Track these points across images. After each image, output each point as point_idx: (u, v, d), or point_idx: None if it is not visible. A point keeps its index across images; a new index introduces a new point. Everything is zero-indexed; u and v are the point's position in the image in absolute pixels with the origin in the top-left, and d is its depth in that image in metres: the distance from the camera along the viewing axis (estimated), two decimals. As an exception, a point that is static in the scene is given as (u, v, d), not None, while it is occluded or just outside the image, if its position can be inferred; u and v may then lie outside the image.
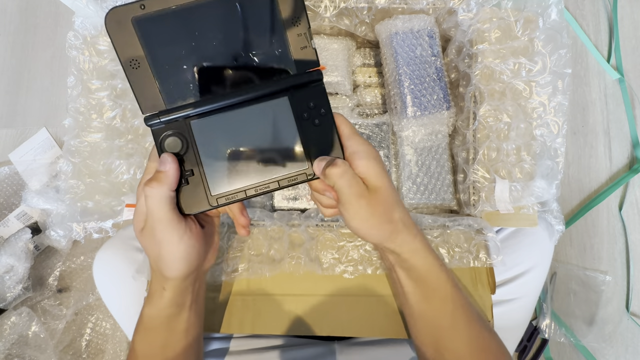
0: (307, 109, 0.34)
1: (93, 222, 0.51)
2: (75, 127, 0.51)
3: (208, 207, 0.33)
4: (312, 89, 0.34)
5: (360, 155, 0.33)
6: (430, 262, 0.37)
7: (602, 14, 0.94)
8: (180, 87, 0.32)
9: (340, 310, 0.48)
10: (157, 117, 0.32)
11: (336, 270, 0.47)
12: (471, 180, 0.51)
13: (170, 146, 0.33)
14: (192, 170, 0.33)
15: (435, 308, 0.38)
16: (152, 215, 0.31)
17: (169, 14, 0.30)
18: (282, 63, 0.33)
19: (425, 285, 0.37)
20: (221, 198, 0.33)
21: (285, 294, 0.48)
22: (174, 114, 0.32)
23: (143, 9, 0.30)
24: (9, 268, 0.75)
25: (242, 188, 0.33)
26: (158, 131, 0.33)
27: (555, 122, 0.51)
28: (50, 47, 0.95)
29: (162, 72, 0.32)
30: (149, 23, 0.30)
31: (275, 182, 0.33)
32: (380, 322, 0.47)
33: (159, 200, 0.31)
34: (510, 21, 0.51)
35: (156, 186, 0.30)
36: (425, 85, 0.55)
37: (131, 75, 0.31)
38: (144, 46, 0.31)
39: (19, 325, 0.74)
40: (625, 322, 0.82)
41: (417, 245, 0.36)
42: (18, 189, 0.86)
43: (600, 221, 0.86)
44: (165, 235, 0.31)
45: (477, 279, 0.48)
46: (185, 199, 0.33)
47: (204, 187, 0.33)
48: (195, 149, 0.33)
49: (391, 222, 0.34)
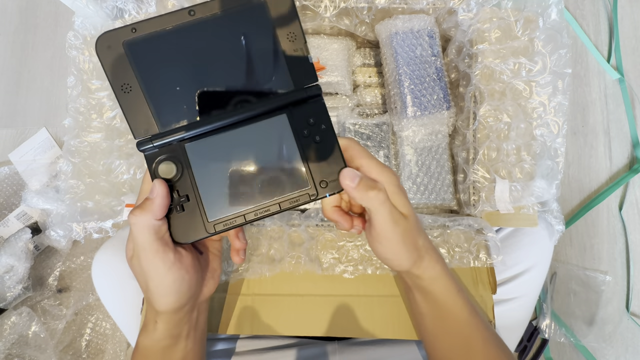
0: (307, 126, 0.32)
1: (93, 222, 0.51)
2: (75, 127, 0.51)
3: (205, 235, 0.31)
4: (311, 104, 0.32)
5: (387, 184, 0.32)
6: (448, 288, 0.37)
7: (602, 14, 0.94)
8: (173, 109, 0.31)
9: (340, 310, 0.48)
10: (150, 141, 0.31)
11: (336, 270, 0.47)
12: (471, 180, 0.51)
13: (164, 171, 0.31)
14: (187, 196, 0.31)
15: (451, 332, 0.38)
16: (137, 244, 0.30)
17: (161, 36, 0.30)
18: (279, 79, 0.32)
19: (442, 309, 0.37)
20: (219, 224, 0.31)
21: (285, 294, 0.47)
22: (167, 138, 0.31)
23: (134, 32, 0.30)
24: (9, 268, 0.75)
25: (240, 212, 0.31)
26: (151, 156, 0.31)
27: (556, 122, 0.51)
28: (50, 47, 0.95)
29: (154, 95, 0.31)
30: (141, 46, 0.30)
31: (276, 204, 0.31)
32: (380, 322, 0.47)
33: (142, 229, 0.29)
34: (510, 21, 0.51)
35: (139, 214, 0.29)
36: (425, 85, 0.55)
37: (123, 100, 0.31)
38: (135, 70, 0.30)
39: (19, 325, 0.74)
40: (625, 322, 0.82)
41: (437, 271, 0.36)
42: (18, 189, 0.86)
43: (601, 221, 0.86)
44: (151, 266, 0.30)
45: (477, 278, 0.48)
46: (180, 227, 0.31)
47: (200, 213, 0.31)
48: (190, 173, 0.31)
49: (417, 250, 0.34)
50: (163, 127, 0.31)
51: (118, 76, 0.30)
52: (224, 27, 0.31)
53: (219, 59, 0.31)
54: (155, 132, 0.31)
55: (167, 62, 0.31)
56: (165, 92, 0.31)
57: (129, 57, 0.30)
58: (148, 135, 0.31)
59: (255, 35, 0.31)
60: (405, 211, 0.33)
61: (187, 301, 0.33)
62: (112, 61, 0.30)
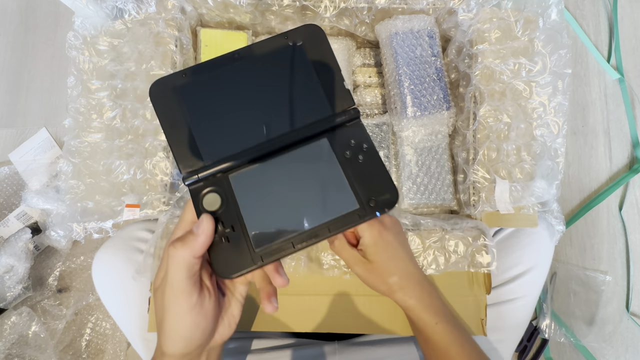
0: (349, 147, 0.32)
1: (93, 222, 0.51)
2: (75, 127, 0.51)
3: (252, 266, 0.30)
4: (350, 127, 0.33)
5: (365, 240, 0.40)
6: (424, 320, 0.41)
7: (602, 14, 0.94)
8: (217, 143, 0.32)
9: (339, 308, 0.48)
10: (196, 173, 0.31)
11: (336, 272, 0.48)
12: (471, 181, 0.51)
13: (209, 203, 0.31)
14: (233, 227, 0.30)
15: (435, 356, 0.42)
16: (167, 277, 0.29)
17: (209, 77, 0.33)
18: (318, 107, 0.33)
19: (422, 335, 0.42)
20: (266, 254, 0.30)
21: (284, 294, 0.48)
22: (212, 169, 0.31)
23: (185, 77, 0.32)
24: (9, 268, 0.75)
25: (288, 239, 0.30)
26: (196, 189, 0.31)
27: (556, 122, 0.51)
28: (50, 47, 0.95)
29: (200, 130, 0.32)
30: (190, 88, 0.32)
31: (325, 228, 0.30)
32: (379, 320, 0.48)
33: (177, 264, 0.28)
34: (510, 21, 0.51)
35: (180, 248, 0.28)
36: (425, 85, 0.55)
37: (171, 137, 0.32)
38: (185, 109, 0.32)
39: (19, 325, 0.74)
40: (625, 322, 0.82)
41: (411, 305, 0.41)
42: (18, 189, 0.86)
43: (601, 221, 0.86)
44: (173, 303, 0.29)
45: (473, 279, 0.48)
46: (225, 260, 0.30)
47: (246, 244, 0.30)
48: (235, 203, 0.31)
49: (385, 284, 0.41)
50: (208, 161, 0.32)
51: (168, 116, 0.32)
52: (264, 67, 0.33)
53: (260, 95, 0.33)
54: (200, 165, 0.32)
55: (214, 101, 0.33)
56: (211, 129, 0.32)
57: (179, 99, 0.32)
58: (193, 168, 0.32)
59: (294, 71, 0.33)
60: (371, 259, 0.40)
61: (196, 348, 0.31)
62: (164, 104, 0.32)
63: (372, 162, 0.32)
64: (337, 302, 0.48)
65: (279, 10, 0.55)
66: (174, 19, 0.54)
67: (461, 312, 0.48)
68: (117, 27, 0.53)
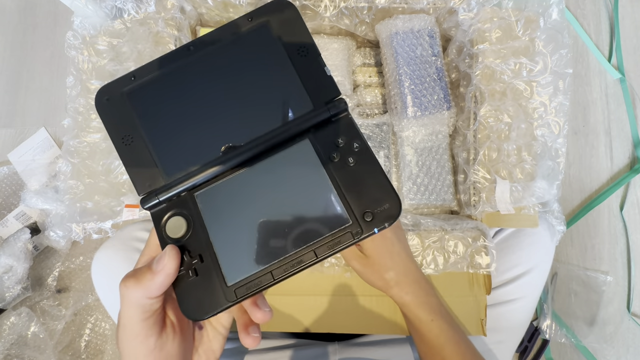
0: (336, 149, 0.27)
1: (92, 222, 0.51)
2: (74, 127, 0.51)
3: (225, 304, 0.25)
4: (336, 123, 0.27)
5: None
6: (420, 317, 0.41)
7: (603, 14, 0.94)
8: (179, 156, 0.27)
9: (339, 308, 0.48)
10: (155, 195, 0.26)
11: (336, 270, 0.47)
12: (472, 181, 0.51)
13: (172, 229, 0.26)
14: (201, 256, 0.26)
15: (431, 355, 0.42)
16: (120, 316, 0.25)
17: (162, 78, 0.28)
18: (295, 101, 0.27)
19: (418, 333, 0.42)
20: (240, 288, 0.25)
21: (284, 294, 0.47)
22: (174, 189, 0.27)
23: (133, 80, 0.28)
24: (8, 268, 0.75)
25: (267, 269, 0.25)
26: (157, 213, 0.27)
27: (556, 122, 0.51)
28: (49, 46, 0.95)
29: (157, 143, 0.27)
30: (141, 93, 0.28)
31: (311, 252, 0.25)
32: (379, 320, 0.48)
33: (129, 305, 0.24)
34: (511, 21, 0.51)
35: (132, 287, 0.24)
36: (426, 85, 0.55)
37: (124, 153, 0.27)
38: (137, 118, 0.27)
39: (18, 326, 0.74)
40: (626, 323, 0.81)
41: (407, 301, 0.41)
42: (17, 189, 0.86)
43: (601, 221, 0.86)
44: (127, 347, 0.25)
45: (473, 279, 0.48)
46: (193, 298, 0.25)
47: (217, 277, 0.25)
48: (203, 228, 0.26)
49: (382, 280, 0.41)
50: (168, 178, 0.27)
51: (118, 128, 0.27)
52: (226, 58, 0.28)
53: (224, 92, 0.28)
54: (160, 184, 0.27)
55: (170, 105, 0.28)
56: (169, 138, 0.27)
57: (129, 106, 0.27)
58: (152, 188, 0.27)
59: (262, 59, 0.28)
60: (368, 253, 0.40)
61: None
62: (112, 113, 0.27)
63: (367, 165, 0.26)
64: (337, 302, 0.48)
65: (279, 10, 0.55)
66: (173, 18, 0.53)
67: (461, 312, 0.48)
68: (116, 26, 0.53)
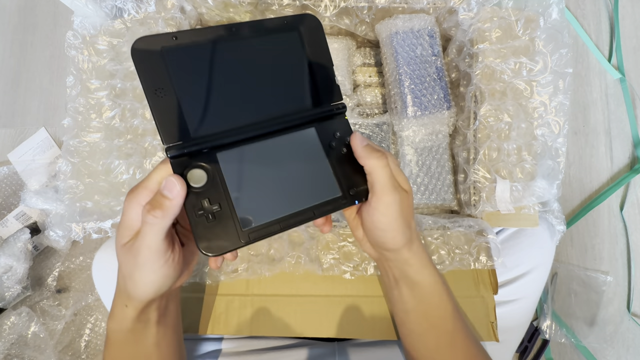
0: (333, 139, 0.34)
1: (92, 222, 0.51)
2: (74, 127, 0.51)
3: (239, 244, 0.30)
4: (336, 120, 0.35)
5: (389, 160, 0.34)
6: (435, 279, 0.38)
7: (603, 14, 0.94)
8: (206, 118, 0.31)
9: (340, 311, 0.47)
10: (182, 147, 0.30)
11: (336, 271, 0.47)
12: (472, 181, 0.51)
13: (194, 179, 0.30)
14: (220, 204, 0.30)
15: (435, 327, 0.38)
16: (143, 240, 0.29)
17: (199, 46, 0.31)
18: (308, 97, 0.34)
19: (428, 304, 0.38)
20: (253, 233, 0.30)
21: (284, 295, 0.47)
22: (199, 145, 0.31)
23: (175, 40, 0.30)
24: (7, 268, 0.75)
25: (275, 220, 0.31)
26: (179, 163, 0.30)
27: (556, 122, 0.51)
28: (49, 46, 0.95)
29: (188, 102, 0.31)
30: (180, 54, 0.30)
31: (310, 211, 0.32)
32: (380, 324, 0.47)
33: (157, 231, 0.28)
34: (511, 20, 0.51)
35: (160, 216, 0.28)
36: (426, 85, 0.55)
37: (155, 104, 0.30)
38: (172, 76, 0.30)
39: (18, 326, 0.74)
40: (626, 323, 0.81)
41: (425, 258, 0.37)
42: (17, 189, 0.85)
43: (602, 221, 0.86)
44: (148, 262, 0.30)
45: (479, 279, 0.48)
46: (211, 237, 0.29)
47: (233, 222, 0.30)
48: (222, 181, 0.31)
49: (410, 228, 0.35)
50: (195, 134, 0.31)
51: (153, 80, 0.30)
52: (261, 47, 0.33)
53: (253, 75, 0.32)
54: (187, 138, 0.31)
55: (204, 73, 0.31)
56: (199, 101, 0.31)
57: (167, 63, 0.30)
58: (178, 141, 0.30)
59: (288, 57, 0.34)
60: (405, 186, 0.34)
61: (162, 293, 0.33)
62: (148, 64, 0.30)
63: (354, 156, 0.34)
64: (337, 304, 0.48)
65: (279, 10, 0.55)
66: (173, 18, 0.53)
67: (469, 315, 0.46)
68: (116, 26, 0.53)
